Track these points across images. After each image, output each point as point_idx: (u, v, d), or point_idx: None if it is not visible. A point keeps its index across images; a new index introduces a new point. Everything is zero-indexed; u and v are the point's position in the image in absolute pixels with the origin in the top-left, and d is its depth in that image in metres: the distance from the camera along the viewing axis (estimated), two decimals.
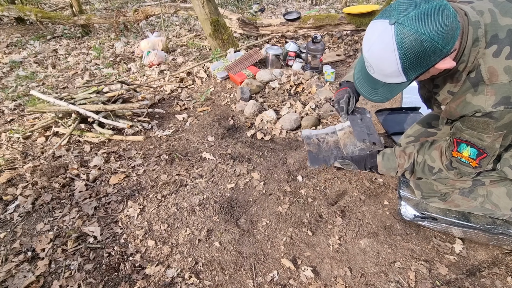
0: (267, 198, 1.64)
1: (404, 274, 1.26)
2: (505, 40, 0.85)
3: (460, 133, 1.02)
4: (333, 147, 1.67)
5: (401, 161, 1.29)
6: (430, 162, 1.19)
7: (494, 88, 0.87)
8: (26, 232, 1.51)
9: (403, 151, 1.30)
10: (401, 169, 1.29)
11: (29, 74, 3.31)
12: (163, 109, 2.51)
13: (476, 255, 1.33)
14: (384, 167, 1.35)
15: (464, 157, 1.04)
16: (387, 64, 0.84)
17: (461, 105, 0.96)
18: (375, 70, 0.91)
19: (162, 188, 1.73)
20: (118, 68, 3.39)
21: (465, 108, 0.95)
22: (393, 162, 1.31)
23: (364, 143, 1.57)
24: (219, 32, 3.08)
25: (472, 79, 0.92)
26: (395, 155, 1.31)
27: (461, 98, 0.96)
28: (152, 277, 1.30)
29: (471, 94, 0.92)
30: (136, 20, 4.13)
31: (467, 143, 1.01)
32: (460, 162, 1.07)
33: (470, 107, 0.93)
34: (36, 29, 4.83)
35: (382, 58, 0.84)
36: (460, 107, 0.97)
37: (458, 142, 1.04)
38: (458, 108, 0.98)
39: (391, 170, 1.34)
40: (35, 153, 2.06)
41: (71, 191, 1.74)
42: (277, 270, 1.30)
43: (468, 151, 1.02)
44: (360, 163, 1.43)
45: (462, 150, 1.03)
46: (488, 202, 1.24)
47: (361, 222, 1.48)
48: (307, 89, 2.54)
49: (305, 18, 3.40)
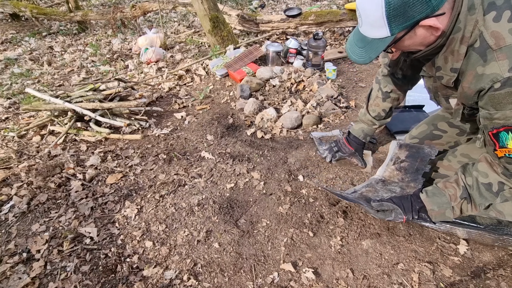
0: (267, 198, 1.64)
1: (407, 276, 1.25)
2: (503, 6, 0.83)
3: (491, 121, 0.90)
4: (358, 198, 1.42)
5: (451, 191, 1.11)
6: (482, 179, 1.03)
7: (504, 52, 0.82)
8: (21, 233, 1.51)
9: (447, 181, 1.14)
10: (455, 201, 1.10)
11: (24, 72, 3.30)
12: (161, 107, 2.50)
13: (481, 256, 1.32)
14: (434, 204, 1.15)
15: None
16: (372, 9, 0.84)
17: (473, 80, 0.90)
18: (363, 19, 0.90)
19: (160, 188, 1.73)
20: (115, 65, 3.38)
21: (480, 81, 0.88)
22: (442, 196, 1.13)
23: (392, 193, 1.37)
24: (218, 29, 3.06)
25: (477, 49, 0.87)
26: (439, 188, 1.15)
27: (472, 73, 0.90)
28: (150, 279, 1.29)
29: (481, 66, 0.87)
30: (134, 17, 4.12)
31: (506, 129, 0.87)
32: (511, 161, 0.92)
33: (485, 78, 0.86)
34: (32, 25, 4.81)
35: (367, 3, 0.85)
36: (473, 83, 0.90)
37: (495, 133, 0.90)
38: (472, 85, 0.91)
39: (444, 206, 1.13)
40: (30, 152, 2.05)
41: (67, 191, 1.73)
42: (277, 272, 1.29)
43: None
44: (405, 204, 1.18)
45: (506, 141, 0.89)
46: (492, 209, 1.20)
47: (364, 222, 1.47)
48: (308, 86, 2.53)
49: (306, 14, 3.39)
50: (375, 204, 1.21)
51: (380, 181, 1.46)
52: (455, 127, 1.45)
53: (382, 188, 1.43)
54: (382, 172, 1.51)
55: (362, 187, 1.49)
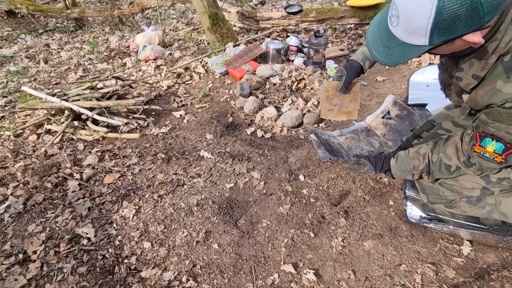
0: (267, 198, 1.63)
1: (410, 277, 1.25)
2: None
3: (485, 126, 0.94)
4: (340, 148, 1.65)
5: (416, 162, 1.24)
6: (446, 160, 1.15)
7: None
8: (17, 234, 1.51)
9: (417, 152, 1.25)
10: (417, 171, 1.25)
11: (20, 70, 3.29)
12: (160, 105, 2.50)
13: (485, 257, 1.32)
14: (398, 170, 1.31)
15: (488, 152, 0.97)
16: (419, 15, 0.75)
17: (489, 92, 0.89)
18: (400, 21, 0.80)
19: (158, 188, 1.73)
20: (113, 63, 3.38)
21: (494, 96, 0.87)
22: (408, 165, 1.27)
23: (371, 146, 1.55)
24: (217, 26, 3.06)
25: (505, 64, 0.84)
26: (409, 156, 1.27)
27: (490, 85, 0.88)
28: (148, 280, 1.29)
29: (502, 81, 0.85)
30: (132, 13, 4.11)
31: (492, 137, 0.93)
32: (483, 158, 1.00)
33: (500, 96, 0.85)
34: (28, 22, 4.80)
35: (416, 5, 0.74)
36: (488, 95, 0.89)
37: (482, 136, 0.96)
38: (486, 96, 0.90)
39: (407, 173, 1.29)
40: (27, 151, 2.05)
41: (64, 191, 1.73)
42: (278, 273, 1.29)
43: (493, 145, 0.94)
44: (378, 164, 1.37)
45: (486, 144, 0.96)
46: (496, 211, 1.22)
47: (366, 223, 1.47)
48: (309, 85, 2.53)
49: (307, 11, 3.38)
50: (353, 159, 1.43)
51: (365, 130, 1.59)
52: (459, 126, 1.44)
53: (365, 138, 1.59)
54: (370, 121, 1.62)
55: (348, 132, 1.69)
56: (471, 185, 1.20)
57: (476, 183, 1.18)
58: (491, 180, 1.15)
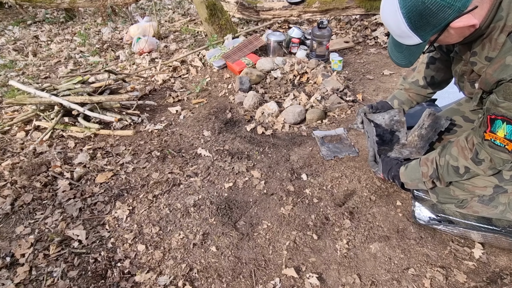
0: (268, 199, 1.63)
1: (418, 282, 1.25)
2: None
3: (495, 107, 0.96)
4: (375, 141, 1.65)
5: (424, 169, 1.28)
6: (452, 162, 1.17)
7: None
8: (4, 236, 1.50)
9: (426, 158, 1.29)
10: (426, 178, 1.28)
11: (7, 63, 3.29)
12: (155, 101, 2.49)
13: (498, 261, 1.32)
14: (407, 178, 1.37)
15: (498, 139, 0.99)
16: (395, 25, 0.92)
17: (498, 69, 0.92)
18: (392, 31, 0.98)
19: (153, 187, 1.72)
20: (105, 56, 3.37)
21: (504, 71, 0.90)
22: (417, 172, 1.31)
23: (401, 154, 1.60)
24: (215, 17, 3.05)
25: None
26: (419, 164, 1.31)
27: (500, 61, 0.92)
28: (142, 285, 1.29)
29: (511, 56, 0.88)
30: (125, 3, 4.09)
31: (503, 119, 0.96)
32: (494, 146, 1.02)
33: (509, 70, 0.88)
34: (16, 13, 4.79)
35: (389, 19, 0.92)
36: (497, 72, 0.92)
37: (493, 119, 0.99)
38: (495, 73, 0.93)
39: (416, 181, 1.34)
40: (14, 149, 2.04)
41: (54, 190, 1.73)
42: (279, 277, 1.29)
43: (504, 129, 0.97)
44: (386, 166, 1.44)
45: (497, 129, 0.98)
46: (510, 211, 1.23)
47: (372, 224, 1.47)
48: (312, 79, 2.52)
49: (310, 1, 3.37)
50: (371, 163, 1.55)
51: (401, 144, 1.66)
52: (470, 121, 1.47)
53: (396, 149, 1.64)
54: (407, 137, 1.68)
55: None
56: (483, 183, 1.20)
57: (489, 181, 1.19)
58: (504, 177, 1.16)
